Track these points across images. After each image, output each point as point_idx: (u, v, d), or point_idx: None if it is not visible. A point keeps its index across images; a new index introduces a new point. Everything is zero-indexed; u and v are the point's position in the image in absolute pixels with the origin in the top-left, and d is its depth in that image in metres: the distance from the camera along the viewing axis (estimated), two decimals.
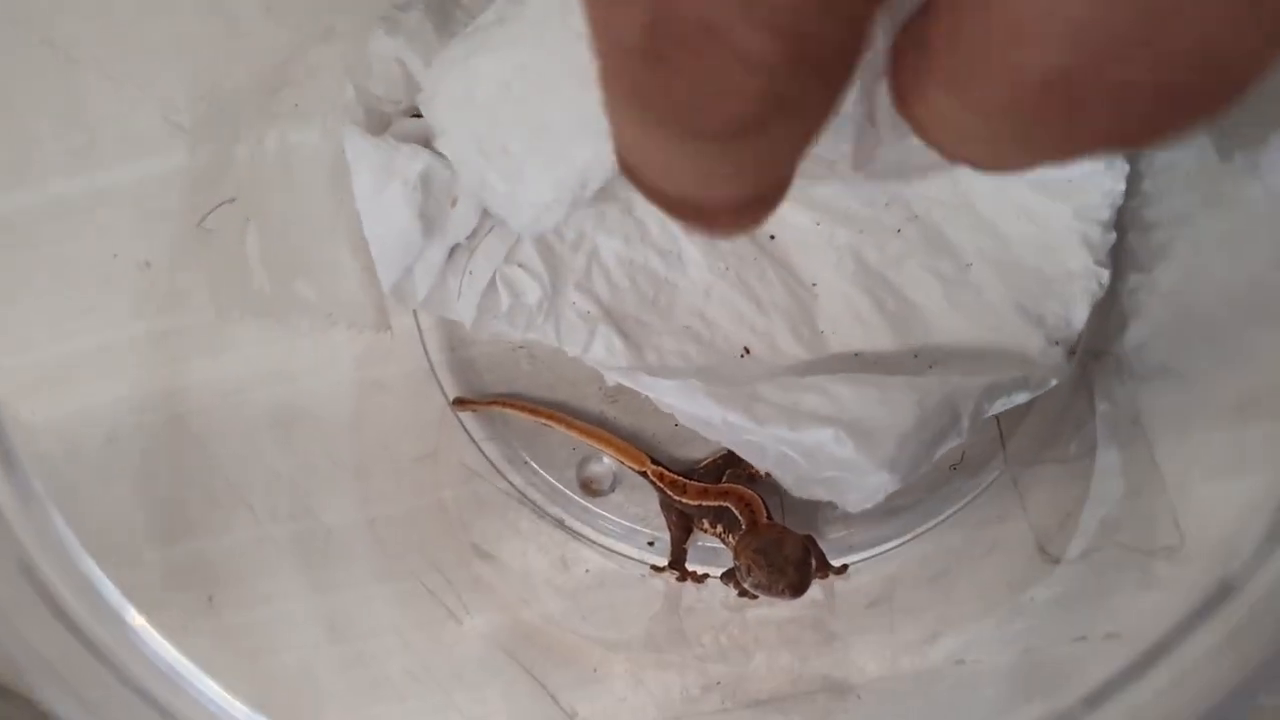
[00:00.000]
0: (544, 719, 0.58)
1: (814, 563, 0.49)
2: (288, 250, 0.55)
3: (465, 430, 0.59)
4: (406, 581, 0.58)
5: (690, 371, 0.52)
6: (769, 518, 0.53)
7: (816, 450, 0.48)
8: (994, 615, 0.54)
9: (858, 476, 0.48)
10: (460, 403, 0.58)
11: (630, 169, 0.17)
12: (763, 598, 0.49)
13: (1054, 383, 0.48)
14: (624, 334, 0.53)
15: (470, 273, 0.53)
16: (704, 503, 0.54)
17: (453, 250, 0.53)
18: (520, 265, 0.54)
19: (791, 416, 0.49)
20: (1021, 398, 0.49)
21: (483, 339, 0.59)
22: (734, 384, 0.51)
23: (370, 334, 0.58)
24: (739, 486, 0.55)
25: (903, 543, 0.56)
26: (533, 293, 0.53)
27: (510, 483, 0.59)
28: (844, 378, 0.50)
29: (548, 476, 0.59)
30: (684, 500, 0.55)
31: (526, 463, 0.59)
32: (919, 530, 0.56)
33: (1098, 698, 0.44)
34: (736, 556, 0.50)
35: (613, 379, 0.52)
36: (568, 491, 0.59)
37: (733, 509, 0.53)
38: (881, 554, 0.57)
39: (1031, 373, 0.50)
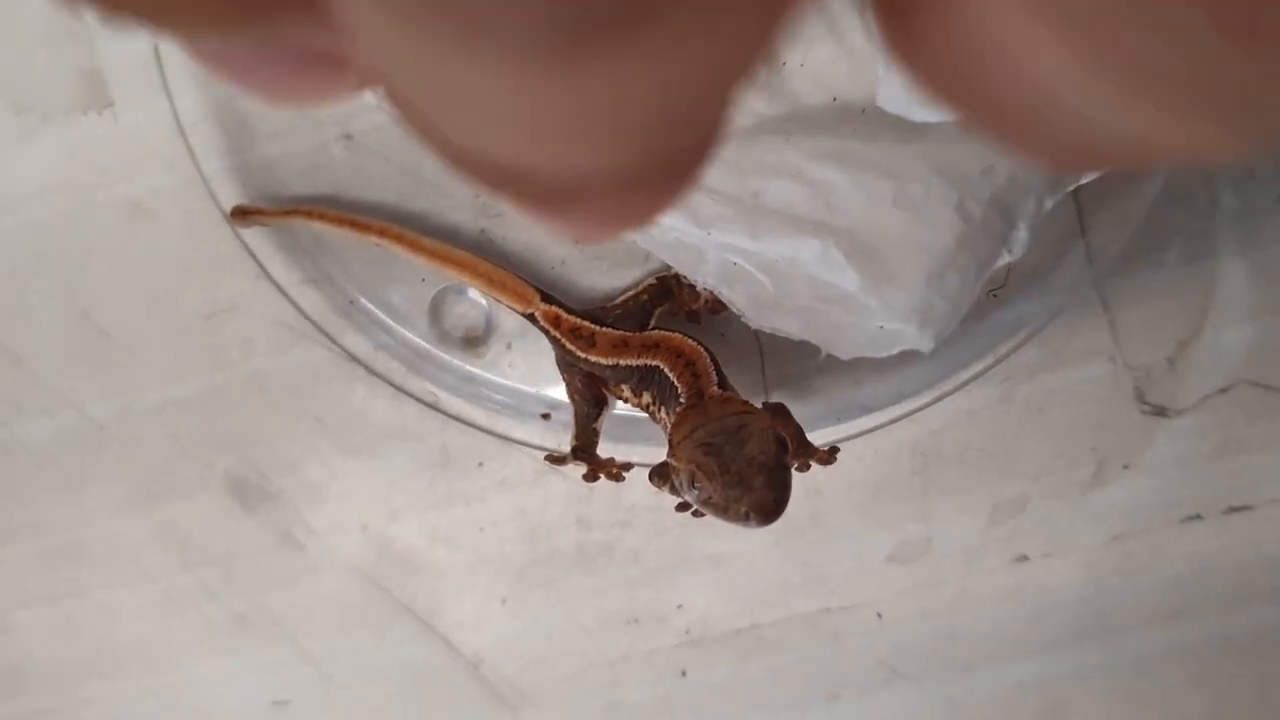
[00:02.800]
0: (435, 669, 0.41)
1: (790, 454, 0.30)
2: None
3: (263, 270, 0.38)
4: (219, 493, 0.40)
5: None
6: (720, 383, 0.34)
7: (789, 266, 0.29)
8: (1069, 492, 0.41)
9: (856, 315, 0.29)
10: (242, 214, 0.38)
11: (405, 104, 0.09)
12: (714, 518, 0.30)
13: None
14: None
15: None
16: (621, 360, 0.36)
17: None
18: None
19: (752, 216, 0.29)
20: (1092, 172, 0.33)
21: (281, 132, 0.38)
22: None
23: (84, 120, 0.37)
24: (675, 334, 0.36)
25: (933, 400, 0.39)
26: None
27: (343, 346, 0.39)
28: (831, 150, 0.29)
29: (399, 330, 0.39)
30: (592, 357, 0.37)
31: (362, 308, 0.39)
32: (958, 378, 0.38)
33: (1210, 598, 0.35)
34: (672, 451, 0.31)
35: None
36: (424, 345, 0.39)
37: (665, 369, 0.35)
38: (901, 418, 0.39)
39: None
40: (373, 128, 0.39)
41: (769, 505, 0.29)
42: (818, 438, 0.38)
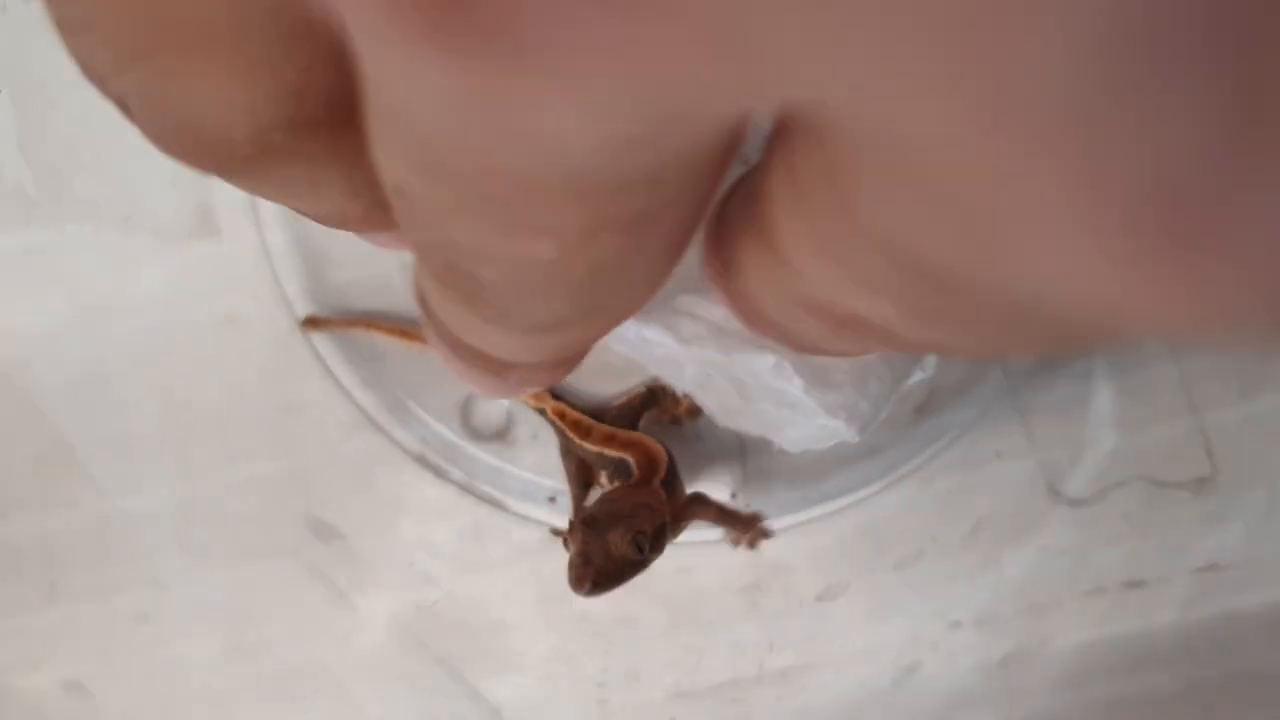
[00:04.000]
0: (461, 715, 0.48)
1: (641, 564, 0.37)
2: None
3: (328, 373, 0.47)
4: (287, 559, 0.48)
5: None
6: (665, 482, 0.42)
7: (749, 378, 0.38)
8: (993, 569, 0.49)
9: (802, 415, 0.38)
10: (313, 322, 0.47)
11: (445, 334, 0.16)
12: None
13: None
14: None
15: None
16: (606, 450, 0.45)
17: None
18: None
19: (722, 336, 0.38)
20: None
21: (350, 262, 0.46)
22: None
23: (194, 245, 0.47)
24: (649, 439, 0.44)
25: (879, 490, 0.46)
26: None
27: (394, 439, 0.47)
28: None
29: (437, 426, 0.48)
30: (586, 445, 0.45)
31: (408, 407, 0.48)
32: (899, 472, 0.46)
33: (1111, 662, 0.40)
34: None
35: None
36: (457, 440, 0.48)
37: (631, 462, 0.43)
38: (848, 506, 0.47)
39: None
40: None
41: (585, 585, 0.35)
42: (785, 521, 0.47)
